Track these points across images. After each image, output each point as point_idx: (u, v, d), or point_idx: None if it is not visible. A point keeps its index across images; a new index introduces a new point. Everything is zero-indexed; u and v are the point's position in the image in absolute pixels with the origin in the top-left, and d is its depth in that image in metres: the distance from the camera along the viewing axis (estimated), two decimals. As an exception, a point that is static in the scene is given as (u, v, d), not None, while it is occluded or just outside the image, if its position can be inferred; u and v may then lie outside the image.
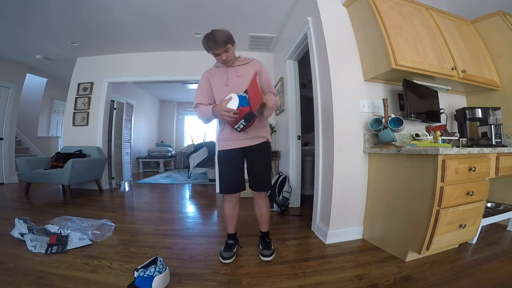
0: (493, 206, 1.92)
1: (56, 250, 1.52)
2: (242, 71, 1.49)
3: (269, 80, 1.55)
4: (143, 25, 3.04)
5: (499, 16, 2.04)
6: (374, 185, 1.79)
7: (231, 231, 1.60)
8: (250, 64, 1.52)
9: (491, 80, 2.04)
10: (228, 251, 1.50)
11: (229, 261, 1.46)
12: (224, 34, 1.38)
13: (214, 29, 1.39)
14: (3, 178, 4.11)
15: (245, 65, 1.52)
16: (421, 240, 1.37)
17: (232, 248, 1.53)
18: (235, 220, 1.60)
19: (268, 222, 1.64)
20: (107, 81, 3.86)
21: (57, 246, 1.54)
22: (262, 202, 1.59)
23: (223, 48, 1.38)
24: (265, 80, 1.53)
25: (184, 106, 8.17)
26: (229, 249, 1.52)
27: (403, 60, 1.65)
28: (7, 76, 4.11)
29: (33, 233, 1.69)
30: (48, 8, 2.61)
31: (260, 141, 1.51)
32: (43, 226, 1.83)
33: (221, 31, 1.38)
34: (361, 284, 1.24)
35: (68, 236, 1.66)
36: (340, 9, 1.98)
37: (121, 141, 4.13)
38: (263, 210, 1.60)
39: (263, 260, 1.49)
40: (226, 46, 1.38)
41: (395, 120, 1.72)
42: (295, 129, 2.74)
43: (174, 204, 3.05)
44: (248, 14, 2.78)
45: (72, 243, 1.62)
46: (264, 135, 1.53)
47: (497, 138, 1.85)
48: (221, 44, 1.37)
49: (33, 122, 5.50)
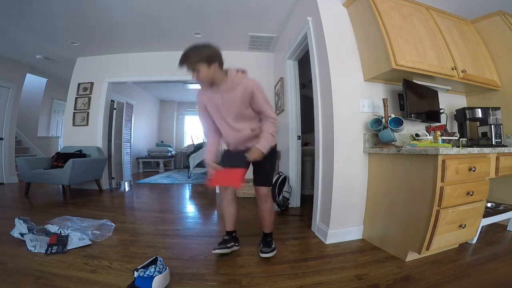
0: (493, 206, 1.91)
1: (56, 250, 1.52)
2: (227, 99, 1.37)
3: (262, 108, 1.40)
4: (143, 25, 3.04)
5: (499, 16, 2.04)
6: (374, 185, 1.78)
7: (228, 229, 1.62)
8: (239, 90, 1.35)
9: (491, 80, 2.04)
10: (221, 244, 1.52)
11: (219, 251, 1.49)
12: (199, 52, 1.26)
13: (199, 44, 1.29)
14: (3, 178, 4.11)
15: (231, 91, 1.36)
16: (421, 240, 1.37)
17: (226, 243, 1.53)
18: (231, 217, 1.61)
19: (271, 225, 1.61)
20: (107, 81, 3.86)
21: (57, 246, 1.54)
22: (265, 205, 1.56)
23: (191, 67, 1.28)
24: (258, 109, 1.41)
25: (184, 106, 8.17)
26: (223, 243, 1.53)
27: (403, 60, 1.65)
28: (7, 76, 4.11)
29: (33, 233, 1.69)
30: (48, 8, 2.61)
31: None
32: (43, 226, 1.83)
33: (202, 48, 1.27)
34: (361, 284, 1.23)
35: (68, 236, 1.66)
36: (340, 9, 1.98)
37: (121, 141, 4.13)
38: (266, 213, 1.57)
39: (262, 256, 1.48)
40: (194, 66, 1.26)
41: (395, 120, 1.72)
42: (295, 129, 2.74)
43: (174, 204, 3.05)
44: (248, 14, 2.78)
45: (72, 243, 1.62)
46: None
47: (497, 138, 1.85)
48: (188, 63, 1.27)
49: (33, 122, 5.50)
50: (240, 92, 1.35)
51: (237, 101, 1.36)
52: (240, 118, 1.42)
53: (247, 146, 1.47)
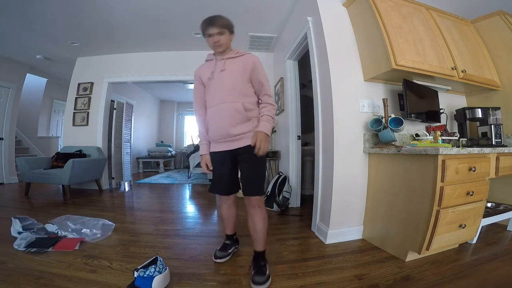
0: (493, 206, 1.91)
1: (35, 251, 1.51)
2: (228, 65, 1.33)
3: (262, 80, 1.33)
4: (143, 25, 3.04)
5: (499, 16, 2.04)
6: (374, 185, 1.78)
7: (229, 232, 1.58)
8: (241, 59, 1.34)
9: (491, 80, 2.04)
10: (222, 251, 1.49)
11: (221, 261, 1.45)
12: (225, 19, 1.30)
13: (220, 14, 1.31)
14: (3, 178, 4.11)
15: (235, 59, 1.34)
16: (421, 240, 1.37)
17: (227, 249, 1.51)
18: (232, 221, 1.56)
19: (264, 240, 1.32)
20: (107, 81, 3.86)
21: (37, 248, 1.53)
22: (255, 213, 1.31)
23: (219, 29, 1.27)
24: (258, 80, 1.33)
25: (184, 106, 8.17)
26: (224, 249, 1.50)
27: (403, 60, 1.65)
28: (7, 76, 4.10)
29: (31, 232, 1.71)
30: (48, 8, 2.61)
31: (248, 143, 1.28)
32: (43, 225, 1.85)
33: (224, 17, 1.31)
34: (361, 284, 1.23)
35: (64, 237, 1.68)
36: (340, 9, 1.98)
37: (121, 141, 4.13)
38: (257, 224, 1.30)
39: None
40: (222, 29, 1.28)
41: (395, 120, 1.72)
42: (295, 129, 2.74)
43: (174, 204, 3.05)
44: (248, 14, 2.78)
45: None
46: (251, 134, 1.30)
47: (497, 138, 1.85)
48: (218, 24, 1.27)
49: (33, 122, 5.50)
50: (242, 62, 1.33)
51: (238, 71, 1.32)
52: (236, 91, 1.31)
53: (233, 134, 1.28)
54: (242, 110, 1.28)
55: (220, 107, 1.30)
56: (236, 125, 1.28)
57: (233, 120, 1.28)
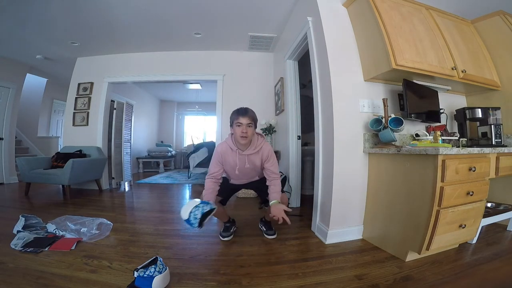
0: (493, 206, 1.91)
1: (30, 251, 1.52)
2: (250, 161, 1.68)
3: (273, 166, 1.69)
4: (144, 25, 3.04)
5: (499, 16, 2.04)
6: (374, 185, 1.78)
7: (225, 220, 1.88)
8: (259, 154, 1.68)
9: (491, 80, 2.04)
10: (226, 232, 1.83)
11: (227, 239, 1.79)
12: (254, 114, 1.62)
13: None
14: (3, 178, 4.11)
15: (254, 155, 1.68)
16: (421, 240, 1.37)
17: (229, 229, 1.85)
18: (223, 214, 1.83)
19: None
20: (107, 81, 3.86)
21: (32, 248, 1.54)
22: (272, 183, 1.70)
23: (249, 121, 1.56)
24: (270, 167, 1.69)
25: (184, 106, 8.16)
26: (227, 230, 1.84)
27: (403, 60, 1.65)
28: (7, 76, 4.10)
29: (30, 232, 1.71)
30: (48, 8, 2.61)
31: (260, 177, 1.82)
32: (45, 224, 1.85)
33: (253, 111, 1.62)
34: (361, 284, 1.23)
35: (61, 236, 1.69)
36: (340, 9, 1.98)
37: (121, 141, 4.12)
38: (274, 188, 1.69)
39: (268, 238, 1.81)
40: (251, 121, 1.57)
41: (395, 120, 1.72)
42: (295, 129, 2.74)
43: (174, 204, 3.05)
44: (248, 14, 2.78)
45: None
46: None
47: (497, 138, 1.85)
48: (250, 116, 1.57)
49: (33, 122, 5.50)
50: (259, 155, 1.69)
51: (257, 164, 1.71)
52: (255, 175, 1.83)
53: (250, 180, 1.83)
54: (256, 177, 1.85)
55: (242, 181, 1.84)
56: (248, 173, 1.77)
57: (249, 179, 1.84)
